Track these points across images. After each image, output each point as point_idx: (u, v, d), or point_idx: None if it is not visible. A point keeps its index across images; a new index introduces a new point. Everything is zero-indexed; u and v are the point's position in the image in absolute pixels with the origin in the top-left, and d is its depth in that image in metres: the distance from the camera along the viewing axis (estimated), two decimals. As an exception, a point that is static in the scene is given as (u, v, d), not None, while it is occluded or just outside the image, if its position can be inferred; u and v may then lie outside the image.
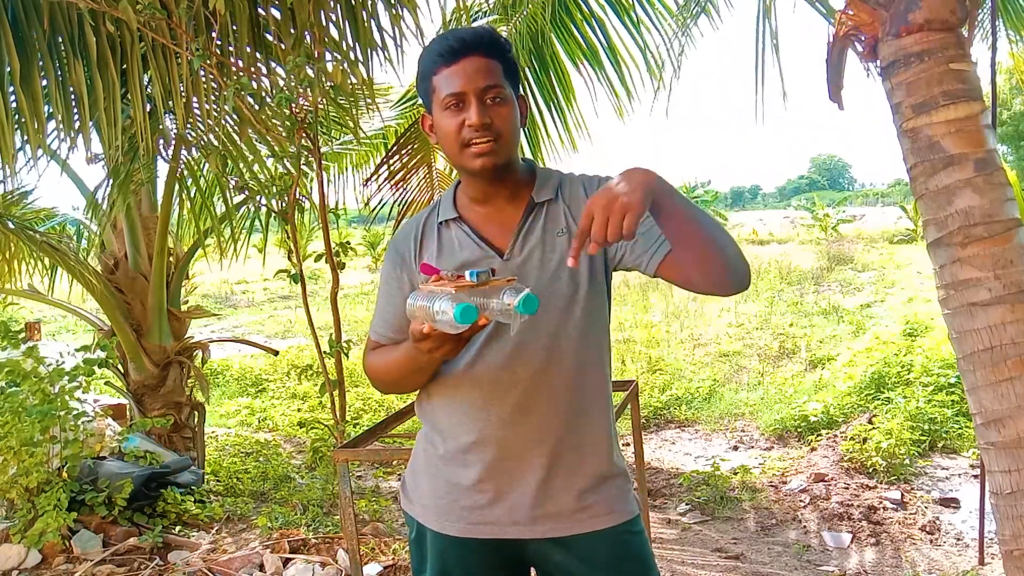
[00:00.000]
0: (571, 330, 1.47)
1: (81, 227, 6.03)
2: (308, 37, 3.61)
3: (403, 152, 5.03)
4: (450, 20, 4.60)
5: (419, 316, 1.26)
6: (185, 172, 4.68)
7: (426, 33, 3.73)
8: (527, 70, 5.06)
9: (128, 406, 5.06)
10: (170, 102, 3.48)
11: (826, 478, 4.84)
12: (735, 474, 5.12)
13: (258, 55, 3.79)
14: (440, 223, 1.53)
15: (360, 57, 3.71)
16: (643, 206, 1.21)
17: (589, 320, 1.48)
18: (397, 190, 5.03)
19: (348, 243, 4.13)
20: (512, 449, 1.47)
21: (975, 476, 4.83)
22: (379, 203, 5.10)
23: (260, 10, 3.69)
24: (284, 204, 3.90)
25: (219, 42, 3.48)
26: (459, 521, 1.50)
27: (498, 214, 1.50)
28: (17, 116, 3.35)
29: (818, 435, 5.68)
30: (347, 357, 4.06)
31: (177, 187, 4.71)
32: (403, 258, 1.55)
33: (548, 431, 1.47)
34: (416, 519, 1.57)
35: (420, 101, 5.40)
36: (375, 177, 4.99)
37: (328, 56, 3.72)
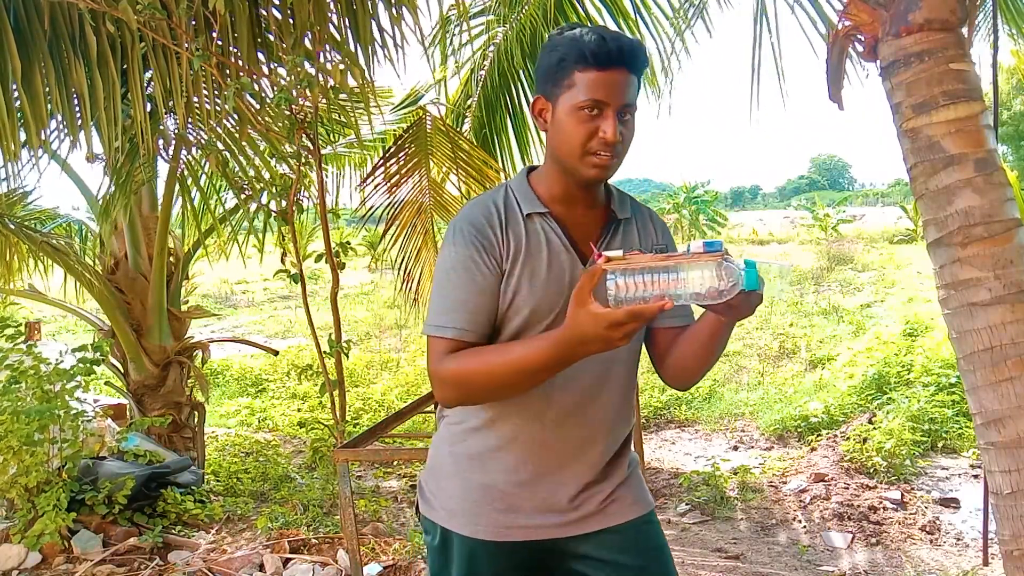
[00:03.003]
0: (636, 343, 1.51)
1: (83, 227, 6.04)
2: (308, 37, 3.61)
3: (400, 155, 5.03)
4: (448, 19, 4.61)
5: (614, 296, 1.16)
6: (185, 172, 4.68)
7: (426, 34, 3.73)
8: (521, 72, 5.06)
9: (128, 406, 5.06)
10: (170, 102, 3.48)
11: (826, 478, 4.84)
12: (735, 474, 5.12)
13: (259, 55, 3.79)
14: (526, 215, 1.46)
15: (360, 57, 3.71)
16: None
17: (640, 331, 1.52)
18: (392, 194, 5.02)
19: (348, 243, 4.13)
20: (559, 455, 1.48)
21: (975, 476, 4.83)
22: (372, 207, 5.10)
23: (260, 10, 3.68)
24: (284, 204, 3.90)
25: (219, 42, 3.47)
26: (492, 525, 1.48)
27: (579, 218, 1.48)
28: (19, 116, 3.35)
29: (818, 435, 5.67)
30: (347, 357, 4.06)
31: (177, 187, 4.71)
32: (490, 242, 1.42)
33: (595, 436, 1.50)
34: (439, 524, 1.53)
35: (421, 103, 5.32)
36: (371, 179, 4.98)
37: (328, 56, 3.72)
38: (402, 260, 4.95)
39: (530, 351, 1.31)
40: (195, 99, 3.58)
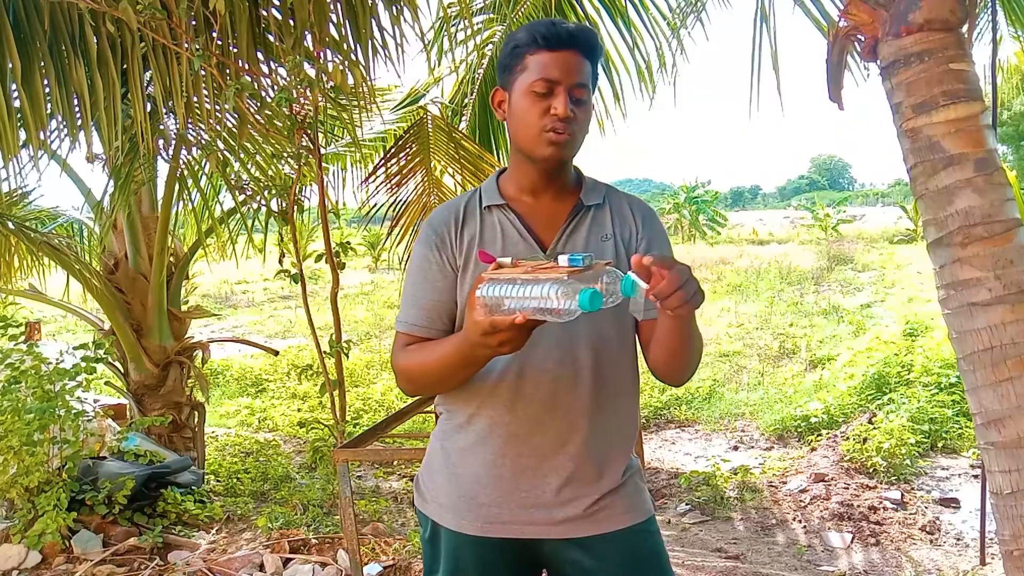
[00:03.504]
0: (606, 331, 1.48)
1: (83, 227, 6.04)
2: (308, 37, 3.61)
3: (401, 155, 5.03)
4: (452, 18, 4.61)
5: (495, 305, 1.19)
6: (185, 172, 4.68)
7: (426, 33, 3.74)
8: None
9: (128, 406, 5.06)
10: (170, 102, 3.48)
11: (826, 478, 4.84)
12: (735, 474, 5.12)
13: (259, 55, 3.79)
14: (484, 208, 1.51)
15: (360, 57, 3.71)
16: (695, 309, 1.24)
17: (622, 322, 1.49)
18: (394, 193, 5.02)
19: (348, 243, 4.13)
20: (536, 448, 1.46)
21: (975, 476, 4.83)
22: (375, 206, 5.11)
23: (260, 10, 3.69)
24: (284, 204, 3.90)
25: (219, 42, 3.47)
26: (477, 520, 1.49)
27: (545, 208, 1.51)
28: (19, 116, 3.35)
29: (818, 435, 5.68)
30: (347, 357, 4.06)
31: (177, 187, 4.71)
32: (442, 240, 1.49)
33: (573, 431, 1.47)
34: (430, 518, 1.55)
35: (422, 102, 5.32)
36: (372, 178, 4.99)
37: (328, 56, 3.72)
38: (408, 259, 4.95)
39: (444, 349, 1.39)
40: (195, 99, 3.58)
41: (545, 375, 1.45)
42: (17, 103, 3.30)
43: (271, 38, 3.84)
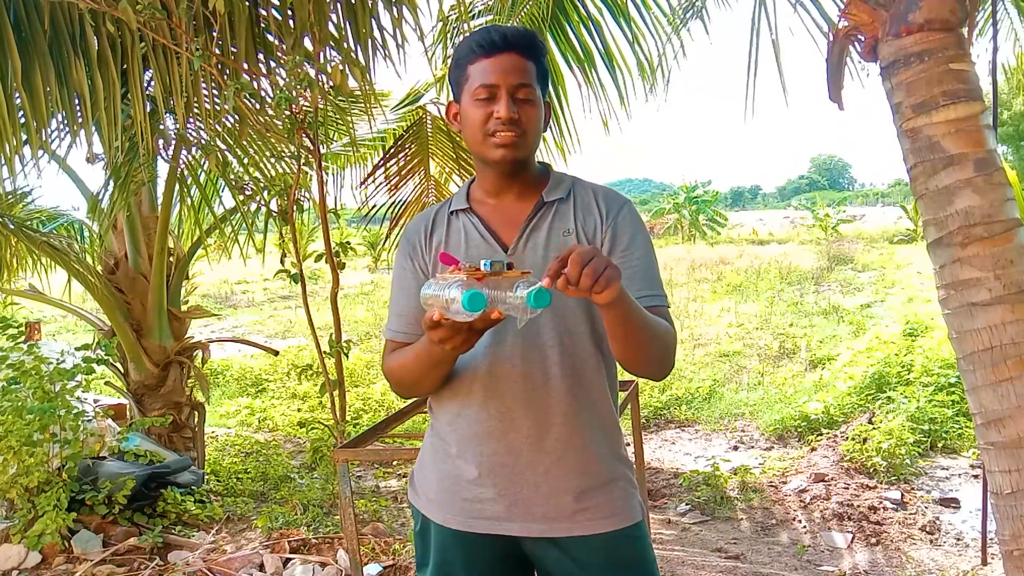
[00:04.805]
0: (574, 327, 1.48)
1: (83, 227, 6.04)
2: (307, 38, 3.61)
3: (400, 156, 5.03)
4: (449, 19, 4.61)
5: (432, 305, 1.24)
6: (185, 172, 4.68)
7: (426, 33, 3.74)
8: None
9: (128, 406, 5.06)
10: (170, 102, 3.48)
11: (826, 478, 4.84)
12: (735, 474, 5.12)
13: (259, 55, 3.79)
14: (451, 213, 1.56)
15: (360, 57, 3.71)
16: (618, 292, 1.23)
17: (592, 317, 1.49)
18: (393, 193, 5.03)
19: (348, 243, 4.13)
20: (511, 444, 1.47)
21: (975, 476, 4.83)
22: (374, 206, 5.10)
23: (260, 10, 3.69)
24: (283, 204, 3.90)
25: (219, 42, 3.47)
26: (460, 515, 1.51)
27: (508, 209, 1.53)
28: (20, 115, 3.35)
29: (818, 435, 5.68)
30: (347, 357, 4.06)
31: (177, 187, 4.71)
32: (414, 247, 1.56)
33: (548, 428, 1.47)
34: (421, 511, 1.59)
35: (421, 102, 5.33)
36: (371, 179, 4.99)
37: (328, 57, 3.72)
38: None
39: (416, 349, 1.45)
40: (195, 99, 3.58)
41: (514, 371, 1.46)
42: (18, 103, 3.30)
43: (271, 38, 3.84)
